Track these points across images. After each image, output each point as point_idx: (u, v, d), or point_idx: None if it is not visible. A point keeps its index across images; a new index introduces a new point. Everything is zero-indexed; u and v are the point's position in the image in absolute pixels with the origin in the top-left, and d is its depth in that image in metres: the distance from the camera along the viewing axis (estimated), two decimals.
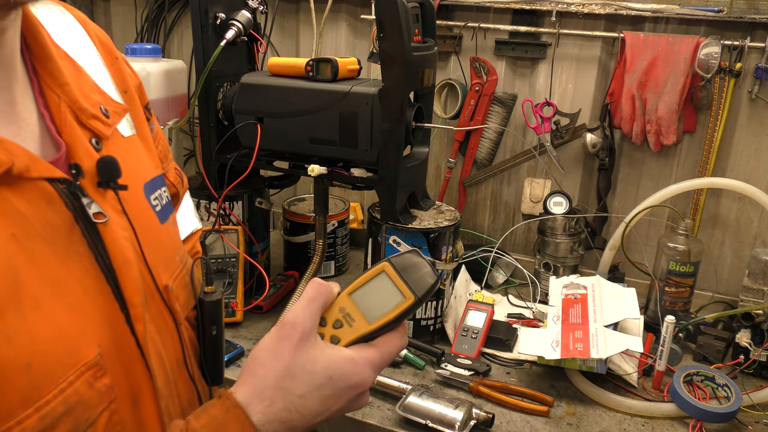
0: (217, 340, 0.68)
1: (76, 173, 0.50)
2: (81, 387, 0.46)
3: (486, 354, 1.33)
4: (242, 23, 1.34)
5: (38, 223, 0.46)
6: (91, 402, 0.47)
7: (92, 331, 0.48)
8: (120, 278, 0.51)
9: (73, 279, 0.48)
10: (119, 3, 2.06)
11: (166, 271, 0.60)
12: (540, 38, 1.60)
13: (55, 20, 0.60)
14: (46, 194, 0.47)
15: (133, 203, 0.56)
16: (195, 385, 0.64)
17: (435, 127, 1.42)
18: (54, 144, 0.52)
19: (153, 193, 0.62)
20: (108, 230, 0.51)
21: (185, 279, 0.64)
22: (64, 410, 0.44)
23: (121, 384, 0.50)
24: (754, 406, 1.16)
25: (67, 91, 0.53)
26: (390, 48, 1.17)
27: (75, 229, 0.49)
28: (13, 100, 0.50)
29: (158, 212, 0.61)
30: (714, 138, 1.48)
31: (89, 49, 0.63)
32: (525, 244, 1.77)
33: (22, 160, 0.45)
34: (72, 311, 0.47)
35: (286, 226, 1.66)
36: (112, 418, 0.49)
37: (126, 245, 0.52)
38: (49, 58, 0.53)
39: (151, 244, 0.57)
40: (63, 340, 0.45)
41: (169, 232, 0.63)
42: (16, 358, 0.42)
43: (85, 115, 0.54)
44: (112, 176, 0.53)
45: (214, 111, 1.39)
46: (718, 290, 1.57)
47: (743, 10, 1.42)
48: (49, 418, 0.43)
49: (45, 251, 0.46)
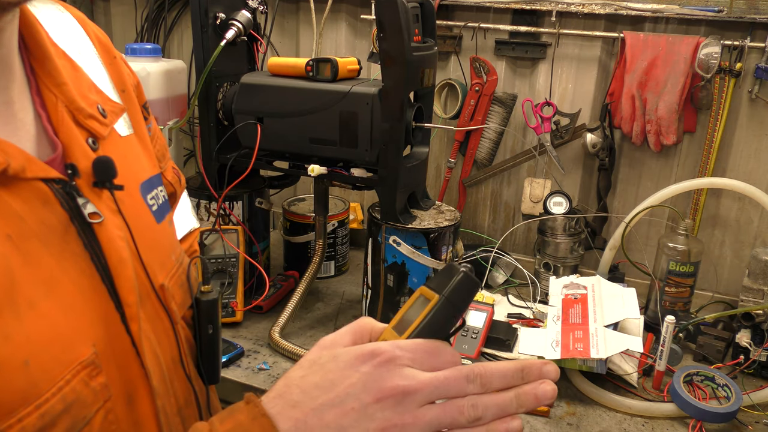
0: (214, 339, 0.68)
1: (72, 173, 0.50)
2: (77, 385, 0.46)
3: (486, 354, 1.33)
4: (242, 23, 1.34)
5: (34, 223, 0.46)
6: (87, 400, 0.47)
7: (87, 330, 0.48)
8: (115, 278, 0.51)
9: (68, 279, 0.48)
10: (119, 3, 2.06)
11: (162, 270, 0.59)
12: (540, 38, 1.60)
13: (53, 19, 0.60)
14: (41, 194, 0.47)
15: (129, 203, 0.56)
16: (191, 384, 0.64)
17: (435, 127, 1.42)
18: (50, 144, 0.52)
19: (149, 192, 0.61)
20: (103, 230, 0.51)
21: (181, 278, 0.64)
22: (62, 408, 0.44)
23: (115, 383, 0.50)
24: (754, 406, 1.16)
25: (65, 90, 0.53)
26: (390, 48, 1.17)
27: (70, 229, 0.49)
28: (10, 100, 0.50)
29: (154, 212, 0.61)
30: (714, 138, 1.48)
31: (87, 48, 0.63)
32: (525, 244, 1.77)
33: (17, 161, 0.45)
34: (67, 311, 0.47)
35: (286, 226, 1.66)
36: (108, 417, 0.49)
37: (121, 245, 0.52)
38: (47, 57, 0.53)
39: (147, 243, 0.57)
40: (59, 339, 0.46)
41: (165, 231, 0.63)
42: (14, 356, 0.42)
43: (82, 114, 0.54)
44: (107, 176, 0.53)
45: (214, 111, 1.39)
46: (718, 290, 1.57)
47: (743, 10, 1.42)
48: (48, 416, 0.43)
49: (40, 251, 0.46)
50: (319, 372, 0.50)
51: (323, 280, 1.67)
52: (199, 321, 0.66)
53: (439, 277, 0.55)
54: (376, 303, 1.36)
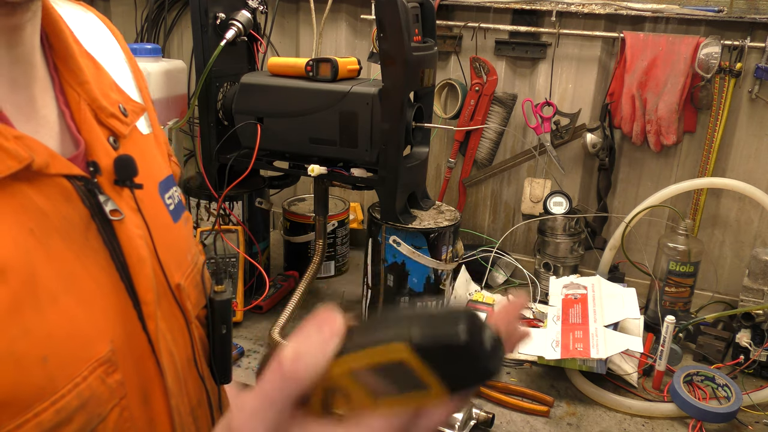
0: (226, 339, 0.68)
1: (94, 171, 0.51)
2: (94, 382, 0.46)
3: None
4: (242, 23, 1.34)
5: (56, 218, 0.46)
6: (103, 397, 0.47)
7: (105, 327, 0.49)
8: (134, 276, 0.51)
9: (87, 275, 0.48)
10: (119, 3, 2.06)
11: (178, 269, 0.60)
12: (540, 38, 1.60)
13: (77, 18, 0.61)
14: (64, 191, 0.48)
15: (148, 202, 0.56)
16: (204, 384, 0.64)
17: (435, 127, 1.42)
18: (73, 141, 0.52)
19: (167, 192, 0.62)
20: (123, 228, 0.51)
21: (196, 278, 0.64)
22: (78, 404, 0.45)
23: (131, 381, 0.51)
24: (754, 406, 1.16)
25: (87, 89, 0.54)
26: (390, 48, 1.17)
27: (91, 226, 0.49)
28: (32, 97, 0.50)
29: (171, 211, 0.62)
30: (714, 138, 1.48)
31: (113, 47, 0.63)
32: (525, 244, 1.77)
33: (42, 157, 0.45)
34: (86, 307, 0.47)
35: (286, 226, 1.67)
36: (123, 415, 0.49)
37: (140, 243, 0.52)
38: (70, 55, 0.54)
39: (165, 242, 0.57)
40: (77, 335, 0.46)
41: (181, 231, 0.63)
42: (33, 351, 0.42)
43: (104, 113, 0.54)
44: (128, 175, 0.53)
45: (214, 111, 1.39)
46: (718, 290, 1.57)
47: (743, 10, 1.42)
48: (64, 412, 0.43)
49: (61, 247, 0.46)
50: None
51: (323, 280, 1.67)
52: (213, 321, 0.66)
53: (434, 327, 0.34)
54: (376, 303, 1.36)
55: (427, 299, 1.33)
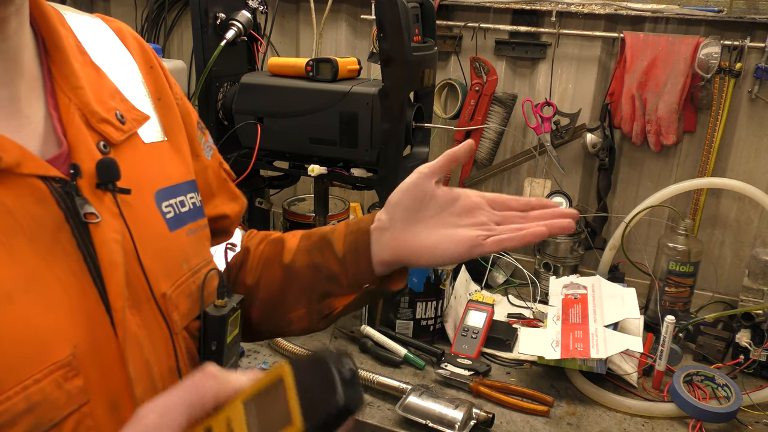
0: (217, 356, 0.65)
1: (75, 173, 0.50)
2: (47, 386, 0.45)
3: (486, 354, 1.33)
4: (242, 23, 1.34)
5: (23, 218, 0.46)
6: (59, 402, 0.46)
7: (68, 330, 0.48)
8: (106, 280, 0.51)
9: (53, 277, 0.47)
10: (119, 3, 2.06)
11: (167, 278, 0.58)
12: (540, 38, 1.60)
13: (87, 28, 0.61)
14: (36, 191, 0.47)
15: (137, 207, 0.56)
16: None
17: (435, 127, 1.42)
18: (58, 144, 0.52)
19: (167, 200, 0.60)
20: (99, 231, 0.51)
21: (190, 288, 0.62)
22: (25, 408, 0.44)
23: (96, 387, 0.49)
24: (754, 406, 1.16)
25: (80, 94, 0.54)
26: (390, 48, 1.17)
27: (64, 228, 0.49)
28: (16, 96, 0.50)
29: (169, 219, 0.60)
30: (714, 138, 1.48)
31: (124, 57, 0.63)
32: None
33: (11, 156, 0.45)
34: (47, 309, 0.46)
35: (286, 226, 1.66)
36: (85, 422, 0.48)
37: (115, 248, 0.52)
38: (65, 61, 0.54)
39: (152, 249, 0.56)
40: (33, 337, 0.45)
41: (177, 240, 0.61)
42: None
43: (95, 118, 0.54)
44: (110, 178, 0.53)
45: (214, 111, 1.39)
46: (718, 290, 1.57)
47: (743, 10, 1.42)
48: (8, 414, 0.43)
49: (25, 247, 0.46)
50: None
51: None
52: (204, 336, 0.64)
53: (311, 373, 0.40)
54: (375, 303, 1.36)
55: (427, 299, 1.33)
